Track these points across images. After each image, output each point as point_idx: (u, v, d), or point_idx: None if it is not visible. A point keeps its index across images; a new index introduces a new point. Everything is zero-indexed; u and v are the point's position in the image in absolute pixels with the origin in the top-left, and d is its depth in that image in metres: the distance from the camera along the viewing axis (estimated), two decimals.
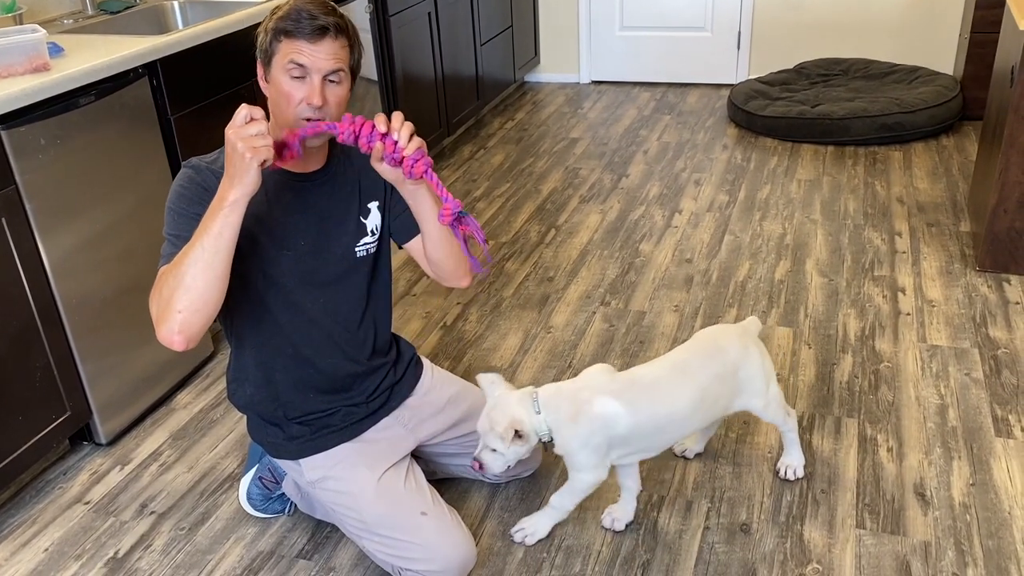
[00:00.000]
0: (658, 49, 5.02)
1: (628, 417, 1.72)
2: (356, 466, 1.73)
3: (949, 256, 2.95)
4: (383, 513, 1.69)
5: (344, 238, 1.70)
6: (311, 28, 1.48)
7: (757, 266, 2.97)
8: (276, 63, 1.52)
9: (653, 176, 3.79)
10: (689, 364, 1.80)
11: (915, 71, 4.33)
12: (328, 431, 1.76)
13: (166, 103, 2.32)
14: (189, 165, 1.59)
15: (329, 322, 1.71)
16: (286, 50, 1.50)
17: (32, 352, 2.01)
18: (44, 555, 1.92)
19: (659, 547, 1.85)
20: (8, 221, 1.91)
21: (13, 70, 1.99)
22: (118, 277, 2.21)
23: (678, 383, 1.77)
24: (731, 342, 1.83)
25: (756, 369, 1.85)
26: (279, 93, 1.53)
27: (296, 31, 1.49)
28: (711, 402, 1.80)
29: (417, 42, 3.68)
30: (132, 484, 2.12)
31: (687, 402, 1.76)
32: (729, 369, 1.81)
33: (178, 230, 1.54)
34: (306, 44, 1.49)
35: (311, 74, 1.50)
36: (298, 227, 1.64)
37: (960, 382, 2.31)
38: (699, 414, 1.79)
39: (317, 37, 1.49)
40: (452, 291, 2.92)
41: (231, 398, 1.81)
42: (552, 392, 1.76)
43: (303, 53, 1.49)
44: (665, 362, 1.82)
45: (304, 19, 1.48)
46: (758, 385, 1.86)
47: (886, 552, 1.80)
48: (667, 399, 1.75)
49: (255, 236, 1.60)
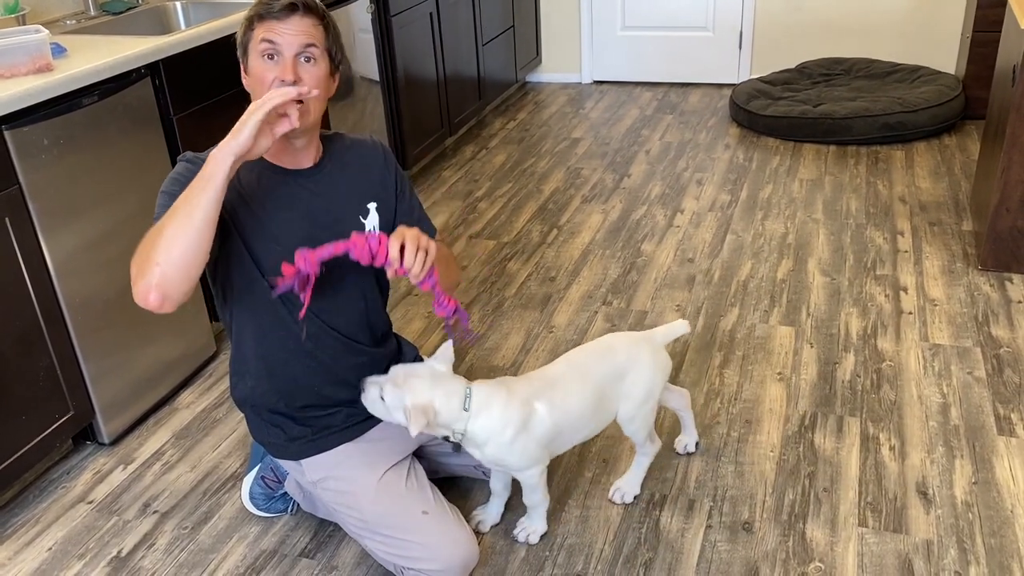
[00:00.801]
0: (660, 49, 5.02)
1: (549, 418, 1.72)
2: (357, 466, 1.73)
3: (951, 255, 2.95)
4: (384, 512, 1.70)
5: (341, 237, 1.66)
6: (280, 6, 1.52)
7: (759, 265, 2.97)
8: (251, 50, 1.55)
9: (655, 176, 3.79)
10: (584, 364, 1.80)
11: (917, 70, 4.33)
12: (329, 431, 1.76)
13: (168, 103, 2.32)
14: (184, 158, 1.61)
15: (327, 316, 1.71)
16: (259, 33, 1.53)
17: (35, 352, 2.01)
18: (48, 554, 1.93)
19: (661, 546, 1.85)
20: (11, 221, 1.91)
21: (16, 70, 1.99)
22: (121, 277, 2.21)
23: (577, 382, 1.77)
24: (623, 346, 1.83)
25: (642, 380, 1.83)
26: (255, 79, 1.55)
27: (266, 13, 1.53)
28: (606, 404, 1.81)
29: (419, 42, 3.69)
30: (135, 483, 2.13)
31: (587, 401, 1.77)
32: (618, 371, 1.81)
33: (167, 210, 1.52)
34: (276, 23, 1.52)
35: (283, 51, 1.53)
36: (290, 223, 1.63)
37: (962, 381, 2.31)
38: (598, 415, 1.80)
39: (286, 14, 1.52)
40: (454, 291, 2.92)
41: (232, 392, 1.81)
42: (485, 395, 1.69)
43: (273, 31, 1.52)
44: (563, 361, 1.82)
45: (273, 1, 1.53)
46: (637, 392, 1.83)
47: (888, 550, 1.80)
48: (571, 398, 1.75)
49: (246, 224, 1.60)
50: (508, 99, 4.99)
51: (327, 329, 1.71)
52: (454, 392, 1.67)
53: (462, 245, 3.25)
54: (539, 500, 1.83)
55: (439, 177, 3.92)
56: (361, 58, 3.30)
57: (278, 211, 1.63)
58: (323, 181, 1.67)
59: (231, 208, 1.58)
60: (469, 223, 3.44)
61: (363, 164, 1.73)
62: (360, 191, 1.72)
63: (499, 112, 4.78)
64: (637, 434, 1.89)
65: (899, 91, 4.13)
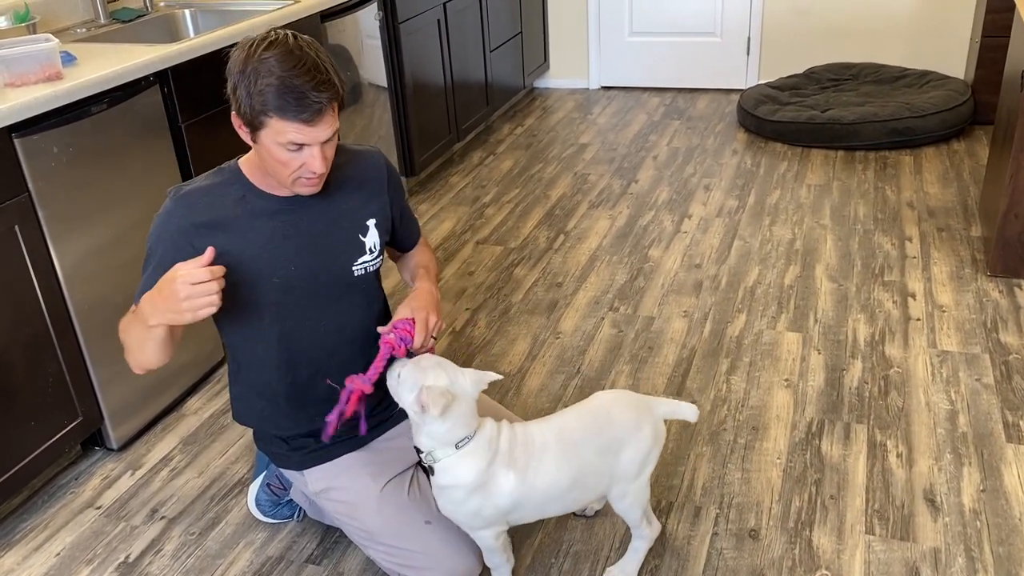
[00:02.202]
0: (667, 54, 5.03)
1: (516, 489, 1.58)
2: (359, 476, 1.72)
3: (960, 261, 2.94)
4: (386, 522, 1.69)
5: (340, 258, 1.65)
6: (310, 113, 1.40)
7: (766, 271, 2.96)
8: (266, 135, 1.45)
9: (662, 181, 3.79)
10: (575, 437, 1.61)
11: (926, 75, 4.32)
12: (332, 442, 1.75)
13: (177, 111, 2.34)
14: (169, 196, 1.58)
15: (332, 342, 1.69)
16: (279, 128, 1.42)
17: (44, 357, 2.03)
18: (56, 559, 1.94)
19: (667, 552, 1.84)
20: (21, 228, 1.93)
21: (26, 79, 2.01)
22: (129, 284, 2.23)
23: (559, 459, 1.59)
24: (622, 416, 1.63)
25: (639, 456, 1.64)
26: (273, 159, 1.48)
27: (290, 113, 1.40)
28: (592, 480, 1.62)
29: (426, 49, 3.70)
30: (143, 489, 2.14)
31: (566, 477, 1.59)
32: (613, 445, 1.62)
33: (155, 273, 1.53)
34: (303, 126, 1.42)
35: (310, 147, 1.45)
36: (286, 253, 1.60)
37: (971, 388, 2.30)
38: (573, 493, 1.62)
39: (316, 118, 1.42)
40: (460, 297, 2.93)
41: (236, 417, 1.79)
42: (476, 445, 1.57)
43: (301, 134, 1.42)
44: (554, 427, 1.63)
45: (299, 100, 1.39)
46: (630, 471, 1.64)
47: (895, 558, 1.79)
48: (548, 471, 1.58)
49: (242, 271, 1.58)
50: (516, 105, 5.00)
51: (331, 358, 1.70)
52: (466, 424, 1.55)
53: (469, 250, 3.26)
54: (498, 563, 1.71)
55: (447, 183, 3.93)
56: (369, 65, 3.31)
57: (276, 243, 1.59)
58: (320, 204, 1.63)
59: (233, 267, 1.55)
60: (476, 228, 3.44)
61: (362, 180, 1.69)
62: (359, 209, 1.68)
63: (507, 118, 4.78)
64: (630, 513, 1.71)
65: (907, 96, 4.12)
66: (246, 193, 1.59)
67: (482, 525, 1.62)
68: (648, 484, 1.70)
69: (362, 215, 1.68)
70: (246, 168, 1.60)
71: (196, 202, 1.56)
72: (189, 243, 1.55)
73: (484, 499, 1.57)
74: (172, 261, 1.52)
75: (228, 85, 1.46)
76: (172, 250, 1.55)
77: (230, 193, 1.58)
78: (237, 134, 1.51)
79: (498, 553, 1.68)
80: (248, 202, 1.58)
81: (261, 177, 1.59)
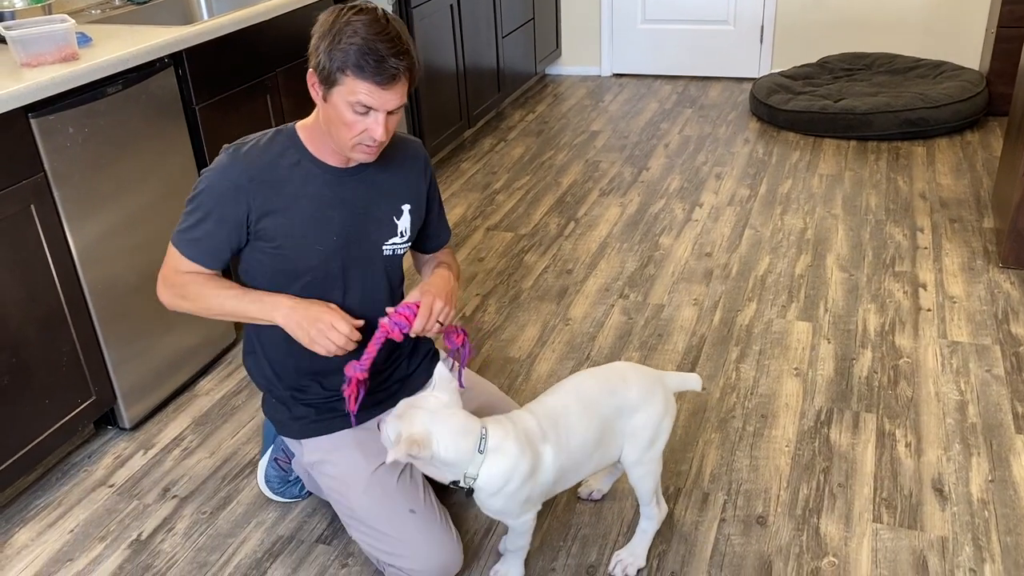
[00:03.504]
0: (680, 42, 5.01)
1: (555, 463, 1.59)
2: (353, 454, 1.73)
3: (972, 252, 2.93)
4: (371, 505, 1.69)
5: (374, 234, 1.70)
6: (386, 75, 1.45)
7: (777, 260, 2.96)
8: (339, 93, 1.48)
9: (674, 169, 3.78)
10: (591, 394, 1.63)
11: (940, 66, 4.29)
12: (332, 415, 1.77)
13: (191, 93, 2.34)
14: (226, 151, 1.61)
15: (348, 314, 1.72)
16: (352, 87, 1.46)
17: (59, 337, 2.04)
18: (69, 536, 1.96)
19: (675, 538, 1.85)
20: (37, 208, 1.94)
21: (43, 59, 2.02)
22: (143, 265, 2.24)
23: (583, 416, 1.61)
24: (636, 379, 1.67)
25: (652, 421, 1.67)
26: (339, 119, 1.50)
27: (370, 76, 1.44)
28: (611, 439, 1.65)
29: (439, 34, 3.70)
30: (155, 468, 2.16)
31: (591, 438, 1.61)
32: (629, 407, 1.65)
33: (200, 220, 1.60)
34: (376, 88, 1.46)
35: (377, 110, 1.48)
36: (332, 222, 1.64)
37: (980, 379, 2.30)
38: (600, 450, 1.65)
39: (390, 83, 1.46)
40: (471, 282, 2.94)
41: (248, 370, 1.83)
42: (500, 437, 1.54)
43: (373, 96, 1.46)
44: (570, 389, 1.65)
45: (378, 63, 1.44)
46: (645, 436, 1.67)
47: (903, 546, 1.80)
48: (576, 431, 1.60)
49: (290, 234, 1.62)
50: (527, 91, 4.99)
51: None
52: (469, 431, 1.52)
53: (479, 237, 3.26)
54: (523, 545, 1.71)
55: (458, 169, 3.93)
56: None
57: (324, 210, 1.63)
58: (365, 179, 1.67)
59: (279, 234, 1.61)
60: (487, 215, 3.45)
61: (403, 165, 1.72)
62: (397, 192, 1.72)
63: (518, 104, 4.78)
64: (643, 483, 1.71)
65: (921, 87, 4.10)
66: (301, 158, 1.62)
67: (529, 508, 1.62)
68: (661, 457, 1.72)
69: (399, 198, 1.72)
70: (303, 133, 1.63)
71: (254, 160, 1.59)
72: (245, 199, 1.58)
73: (532, 483, 1.57)
74: (219, 211, 1.57)
75: (311, 43, 1.50)
76: (224, 200, 1.58)
77: (287, 156, 1.61)
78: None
79: (528, 535, 1.69)
80: (302, 167, 1.62)
81: (317, 144, 1.62)
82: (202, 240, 1.60)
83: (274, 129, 1.66)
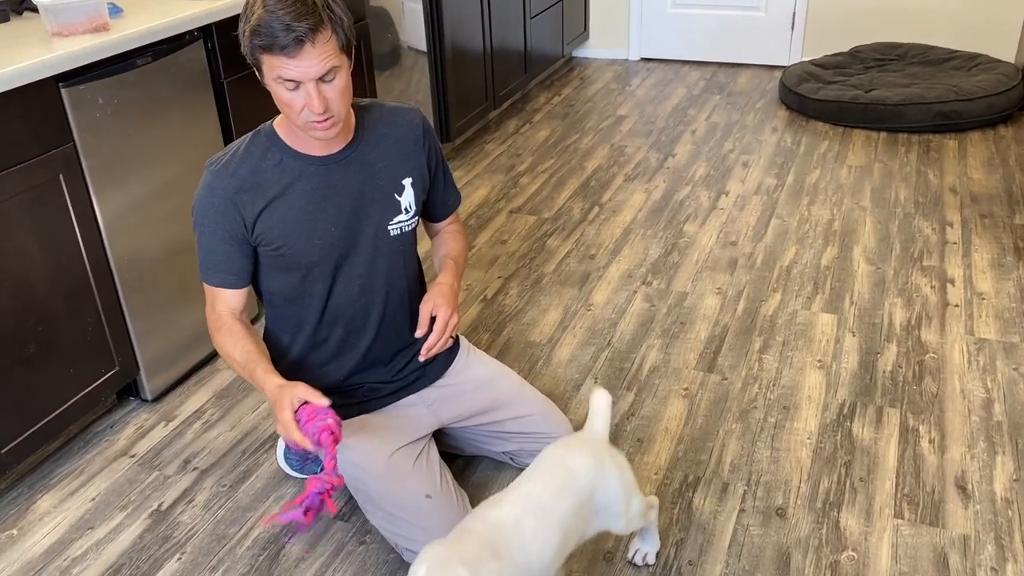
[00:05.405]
0: (710, 27, 4.95)
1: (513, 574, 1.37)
2: (370, 439, 1.72)
3: (1002, 248, 2.89)
4: (388, 489, 1.68)
5: (375, 216, 1.66)
6: (288, 41, 1.38)
7: (803, 251, 2.93)
8: (267, 75, 1.46)
9: (700, 156, 3.75)
10: (543, 501, 1.44)
11: (975, 58, 4.22)
12: (350, 401, 1.77)
13: (220, 67, 2.34)
14: (208, 168, 1.60)
15: (366, 302, 1.71)
16: (271, 65, 1.42)
17: (84, 307, 2.06)
18: (91, 504, 1.98)
19: (693, 527, 1.85)
20: (65, 178, 1.95)
21: (74, 29, 2.02)
22: (168, 237, 2.25)
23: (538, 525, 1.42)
24: (581, 465, 1.50)
25: (614, 490, 1.53)
26: (280, 101, 1.48)
27: (273, 47, 1.40)
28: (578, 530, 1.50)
29: (467, 14, 3.67)
30: (176, 440, 2.17)
31: (554, 540, 1.43)
32: (585, 495, 1.49)
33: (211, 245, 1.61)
34: (287, 59, 1.40)
35: (304, 84, 1.43)
36: (327, 214, 1.61)
37: (1008, 377, 2.27)
38: (569, 544, 1.48)
39: (296, 50, 1.39)
40: (493, 264, 2.93)
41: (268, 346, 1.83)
42: None
43: (288, 67, 1.41)
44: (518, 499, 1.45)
45: (278, 33, 1.38)
46: (618, 507, 1.55)
47: (924, 543, 1.78)
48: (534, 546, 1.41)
49: (286, 234, 1.60)
50: (554, 74, 4.96)
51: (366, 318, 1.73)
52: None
53: (503, 219, 3.25)
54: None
55: (482, 150, 3.91)
56: (409, 28, 3.29)
57: (316, 204, 1.61)
58: (356, 162, 1.63)
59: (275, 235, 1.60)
60: (510, 197, 3.43)
61: (399, 137, 1.68)
62: (395, 167, 1.68)
63: (544, 87, 4.75)
64: (631, 527, 1.62)
65: (955, 79, 4.03)
66: (283, 156, 1.60)
67: None
68: (640, 499, 1.60)
69: (398, 173, 1.68)
70: (281, 130, 1.61)
71: (235, 170, 1.58)
72: (236, 211, 1.58)
73: None
74: (222, 231, 1.58)
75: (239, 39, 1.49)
76: (220, 219, 1.58)
77: (267, 158, 1.59)
78: None
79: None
80: (285, 165, 1.59)
81: (294, 137, 1.59)
82: (221, 264, 1.62)
83: (252, 132, 1.63)
